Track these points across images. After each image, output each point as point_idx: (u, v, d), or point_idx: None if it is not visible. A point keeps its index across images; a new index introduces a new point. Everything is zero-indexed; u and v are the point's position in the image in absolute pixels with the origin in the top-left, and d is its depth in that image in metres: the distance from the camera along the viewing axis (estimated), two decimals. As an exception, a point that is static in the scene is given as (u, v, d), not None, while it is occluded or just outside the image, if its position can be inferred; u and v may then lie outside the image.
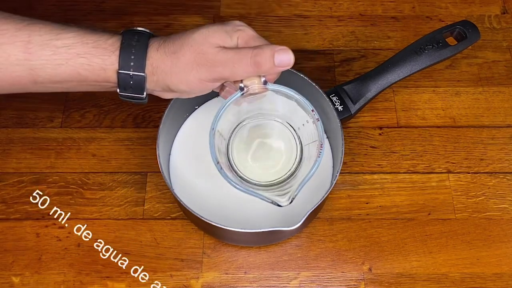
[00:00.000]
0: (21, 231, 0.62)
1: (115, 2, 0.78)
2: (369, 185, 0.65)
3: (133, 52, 0.48)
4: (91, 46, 0.48)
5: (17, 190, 0.64)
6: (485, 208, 0.64)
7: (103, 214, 0.63)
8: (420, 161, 0.67)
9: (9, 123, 0.68)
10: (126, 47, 0.48)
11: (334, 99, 0.64)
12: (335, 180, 0.56)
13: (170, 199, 0.64)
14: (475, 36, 0.65)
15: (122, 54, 0.48)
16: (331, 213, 0.63)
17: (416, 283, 0.60)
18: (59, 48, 0.47)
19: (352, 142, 0.68)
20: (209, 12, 0.78)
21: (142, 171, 0.65)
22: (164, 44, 0.49)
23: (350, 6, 0.79)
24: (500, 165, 0.67)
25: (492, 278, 0.60)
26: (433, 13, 0.78)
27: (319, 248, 0.61)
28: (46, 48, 0.47)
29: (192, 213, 0.54)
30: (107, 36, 0.49)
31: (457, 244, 0.62)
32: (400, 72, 0.64)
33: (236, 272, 0.60)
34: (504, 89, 0.72)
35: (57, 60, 0.47)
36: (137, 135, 0.68)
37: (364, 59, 0.74)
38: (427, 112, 0.70)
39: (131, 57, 0.48)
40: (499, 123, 0.69)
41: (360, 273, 0.60)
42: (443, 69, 0.73)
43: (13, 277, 0.59)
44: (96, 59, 0.48)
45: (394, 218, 0.63)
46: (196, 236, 0.62)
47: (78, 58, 0.47)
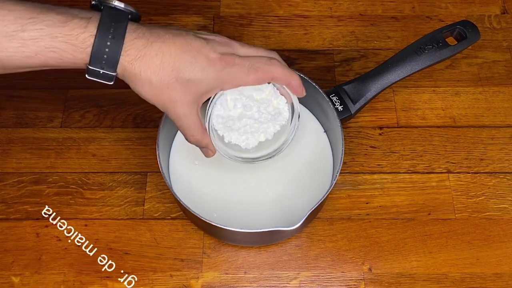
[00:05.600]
0: (21, 231, 0.62)
1: (115, 2, 0.78)
2: (369, 185, 0.65)
3: (106, 51, 0.45)
4: (61, 41, 0.44)
5: (17, 190, 0.64)
6: (485, 208, 0.64)
7: (103, 214, 0.63)
8: (420, 161, 0.67)
9: (9, 123, 0.68)
10: (98, 46, 0.45)
11: (334, 99, 0.64)
12: (335, 180, 0.56)
13: (170, 199, 0.64)
14: (475, 36, 0.65)
15: (93, 54, 0.45)
16: (331, 213, 0.63)
17: (416, 283, 0.60)
18: (26, 41, 0.44)
19: (352, 142, 0.68)
20: (209, 12, 0.78)
21: (142, 171, 0.65)
22: (144, 51, 0.46)
23: (350, 6, 0.79)
24: (500, 165, 0.67)
25: (492, 278, 0.60)
26: (433, 13, 0.78)
27: (319, 248, 0.61)
28: (13, 40, 0.44)
29: (192, 213, 0.54)
30: (79, 28, 0.45)
31: (457, 244, 0.62)
32: (400, 72, 0.64)
33: (236, 272, 0.60)
34: (504, 89, 0.72)
35: (25, 52, 0.44)
36: (137, 135, 0.68)
37: (364, 59, 0.74)
38: (427, 112, 0.70)
39: (104, 56, 0.45)
40: (499, 123, 0.69)
41: (360, 273, 0.60)
42: (443, 69, 0.73)
43: (13, 277, 0.59)
44: (66, 54, 0.45)
45: (394, 218, 0.63)
46: (196, 236, 0.62)
47: (48, 52, 0.45)
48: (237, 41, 0.52)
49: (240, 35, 0.76)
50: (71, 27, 0.44)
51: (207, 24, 0.77)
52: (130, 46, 0.46)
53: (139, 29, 0.47)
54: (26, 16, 0.44)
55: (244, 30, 0.76)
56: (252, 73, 0.50)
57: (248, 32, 0.76)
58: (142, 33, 0.47)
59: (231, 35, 0.75)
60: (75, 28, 0.45)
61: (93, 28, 0.45)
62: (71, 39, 0.44)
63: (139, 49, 0.46)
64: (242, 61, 0.50)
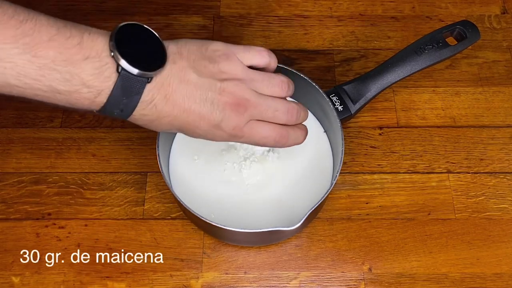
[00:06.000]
0: (21, 231, 0.62)
1: (115, 2, 0.78)
2: (369, 185, 0.65)
3: (115, 114, 0.44)
4: (66, 103, 0.44)
5: (17, 190, 0.64)
6: (485, 208, 0.64)
7: (103, 214, 0.63)
8: (420, 161, 0.67)
9: (9, 123, 0.68)
10: (106, 111, 0.44)
11: (334, 99, 0.64)
12: (335, 180, 0.56)
13: (170, 199, 0.64)
14: (475, 36, 0.65)
15: (102, 111, 0.44)
16: (331, 213, 0.63)
17: (416, 283, 0.60)
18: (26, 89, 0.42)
19: (352, 142, 0.68)
20: (209, 12, 0.78)
21: (142, 171, 0.65)
22: (155, 123, 0.46)
23: (350, 6, 0.79)
24: (500, 165, 0.67)
25: (492, 278, 0.60)
26: (433, 13, 0.78)
27: (319, 248, 0.61)
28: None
29: (192, 213, 0.54)
30: (86, 100, 0.43)
31: (457, 244, 0.62)
32: (400, 72, 0.64)
33: (236, 272, 0.60)
34: (504, 89, 0.72)
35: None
36: (137, 135, 0.68)
37: (364, 59, 0.74)
38: (427, 112, 0.70)
39: (114, 113, 0.44)
40: (499, 123, 0.69)
41: (360, 273, 0.60)
42: (443, 69, 0.73)
43: (13, 277, 0.59)
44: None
45: (394, 218, 0.63)
46: (196, 236, 0.62)
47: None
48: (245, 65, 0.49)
49: (240, 35, 0.76)
50: (78, 96, 0.43)
51: (207, 24, 0.77)
52: (139, 116, 0.46)
53: (152, 102, 0.45)
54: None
55: (244, 30, 0.76)
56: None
57: (248, 32, 0.76)
58: (154, 107, 0.45)
59: (231, 35, 0.76)
60: (82, 99, 0.43)
61: (101, 102, 0.44)
62: (77, 104, 0.44)
63: (149, 120, 0.46)
64: (263, 127, 0.50)
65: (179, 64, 0.46)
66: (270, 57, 0.51)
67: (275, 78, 0.50)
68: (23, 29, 0.40)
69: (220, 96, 0.47)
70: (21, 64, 0.40)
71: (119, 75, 0.43)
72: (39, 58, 0.40)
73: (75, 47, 0.41)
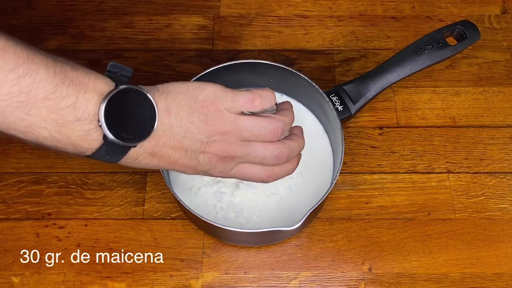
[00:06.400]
0: (21, 231, 0.62)
1: (115, 2, 0.78)
2: (369, 185, 0.65)
3: (104, 159, 0.45)
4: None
5: (17, 190, 0.64)
6: (485, 208, 0.64)
7: (103, 214, 0.63)
8: (420, 161, 0.67)
9: (9, 123, 0.68)
10: (94, 157, 0.44)
11: (334, 99, 0.64)
12: (335, 180, 0.56)
13: (170, 199, 0.64)
14: (475, 36, 0.65)
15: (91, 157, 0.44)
16: (331, 213, 0.63)
17: (416, 283, 0.60)
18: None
19: (352, 142, 0.68)
20: (209, 12, 0.78)
21: (142, 171, 0.65)
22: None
23: (350, 6, 0.79)
24: (500, 165, 0.67)
25: (492, 278, 0.60)
26: (433, 13, 0.78)
27: (319, 248, 0.61)
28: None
29: (192, 213, 0.54)
30: (74, 152, 0.44)
31: (457, 244, 0.62)
32: (400, 72, 0.64)
33: (236, 272, 0.60)
34: (504, 89, 0.72)
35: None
36: (137, 135, 0.68)
37: (364, 59, 0.74)
38: (427, 112, 0.70)
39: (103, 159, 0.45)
40: (499, 123, 0.69)
41: (360, 273, 0.60)
42: (443, 69, 0.73)
43: (13, 277, 0.59)
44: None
45: (394, 218, 0.63)
46: (196, 236, 0.62)
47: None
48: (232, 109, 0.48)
49: (240, 35, 0.76)
50: (63, 149, 0.43)
51: (207, 24, 0.77)
52: (125, 164, 0.46)
53: (137, 159, 0.46)
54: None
55: (244, 30, 0.76)
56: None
57: (248, 32, 0.76)
58: (139, 162, 0.47)
59: (231, 35, 0.76)
60: (67, 151, 0.44)
61: (86, 154, 0.44)
62: (62, 152, 0.44)
63: (135, 166, 0.47)
64: (251, 169, 0.50)
65: (167, 124, 0.46)
66: (261, 104, 0.48)
67: (267, 127, 0.48)
68: (20, 86, 0.39)
69: (206, 151, 0.48)
70: (11, 120, 0.40)
71: (104, 142, 0.43)
72: (31, 117, 0.40)
73: (68, 108, 0.41)
